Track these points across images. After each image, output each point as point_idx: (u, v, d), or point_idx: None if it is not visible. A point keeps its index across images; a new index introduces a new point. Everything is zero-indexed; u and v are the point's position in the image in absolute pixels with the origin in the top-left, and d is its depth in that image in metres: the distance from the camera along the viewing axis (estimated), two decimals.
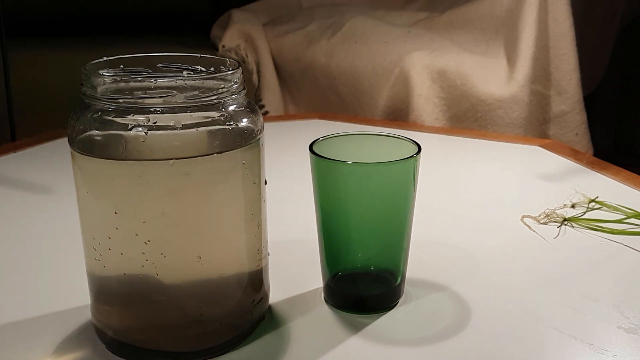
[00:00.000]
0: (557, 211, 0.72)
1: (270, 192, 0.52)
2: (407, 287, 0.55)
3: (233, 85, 0.46)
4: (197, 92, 0.44)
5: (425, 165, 0.52)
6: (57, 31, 1.95)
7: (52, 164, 0.92)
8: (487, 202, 0.78)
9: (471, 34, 1.50)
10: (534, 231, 0.69)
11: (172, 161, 0.42)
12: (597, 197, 0.75)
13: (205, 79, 0.46)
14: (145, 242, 0.43)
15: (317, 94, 1.61)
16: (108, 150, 0.43)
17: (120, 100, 0.42)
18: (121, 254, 0.44)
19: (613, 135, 2.10)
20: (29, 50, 1.67)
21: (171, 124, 0.42)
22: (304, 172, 0.53)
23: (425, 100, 1.38)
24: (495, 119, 1.35)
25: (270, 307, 0.53)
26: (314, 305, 0.54)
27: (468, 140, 1.05)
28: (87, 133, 0.43)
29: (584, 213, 0.72)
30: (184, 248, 0.44)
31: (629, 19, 1.81)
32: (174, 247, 0.44)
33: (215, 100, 0.44)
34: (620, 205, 0.73)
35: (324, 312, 0.53)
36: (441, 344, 0.49)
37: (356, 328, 0.51)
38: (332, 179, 0.50)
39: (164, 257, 0.43)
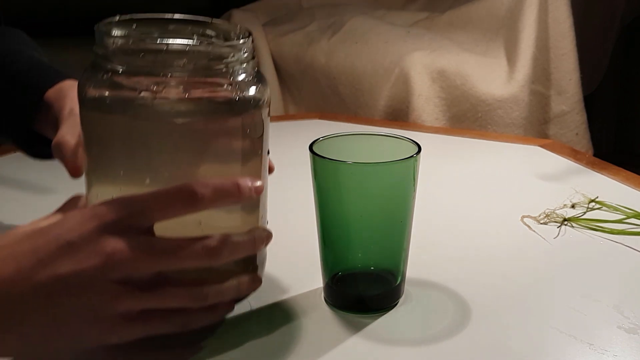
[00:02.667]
0: (557, 211, 0.72)
1: (270, 192, 0.52)
2: (407, 287, 0.55)
3: (243, 53, 0.46)
4: (206, 60, 0.44)
5: (425, 165, 0.52)
6: (57, 31, 1.95)
7: (52, 164, 0.91)
8: (487, 202, 0.78)
9: (471, 34, 1.50)
10: (534, 231, 0.69)
11: (178, 124, 0.43)
12: (597, 197, 0.75)
13: (215, 46, 0.46)
14: None
15: (317, 94, 1.61)
16: (117, 110, 0.44)
17: (131, 62, 0.43)
18: None
19: (613, 135, 2.10)
20: None
21: (179, 89, 0.43)
22: (304, 172, 0.53)
23: (426, 100, 1.38)
24: (495, 119, 1.35)
25: (270, 307, 0.53)
26: (314, 305, 0.54)
27: (468, 140, 1.05)
28: (97, 93, 0.44)
29: (584, 213, 0.72)
30: None
31: (629, 19, 1.81)
32: None
33: (224, 69, 0.44)
34: (620, 205, 0.73)
35: (324, 312, 0.53)
36: (441, 344, 0.49)
37: (356, 328, 0.51)
38: (332, 179, 0.50)
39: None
